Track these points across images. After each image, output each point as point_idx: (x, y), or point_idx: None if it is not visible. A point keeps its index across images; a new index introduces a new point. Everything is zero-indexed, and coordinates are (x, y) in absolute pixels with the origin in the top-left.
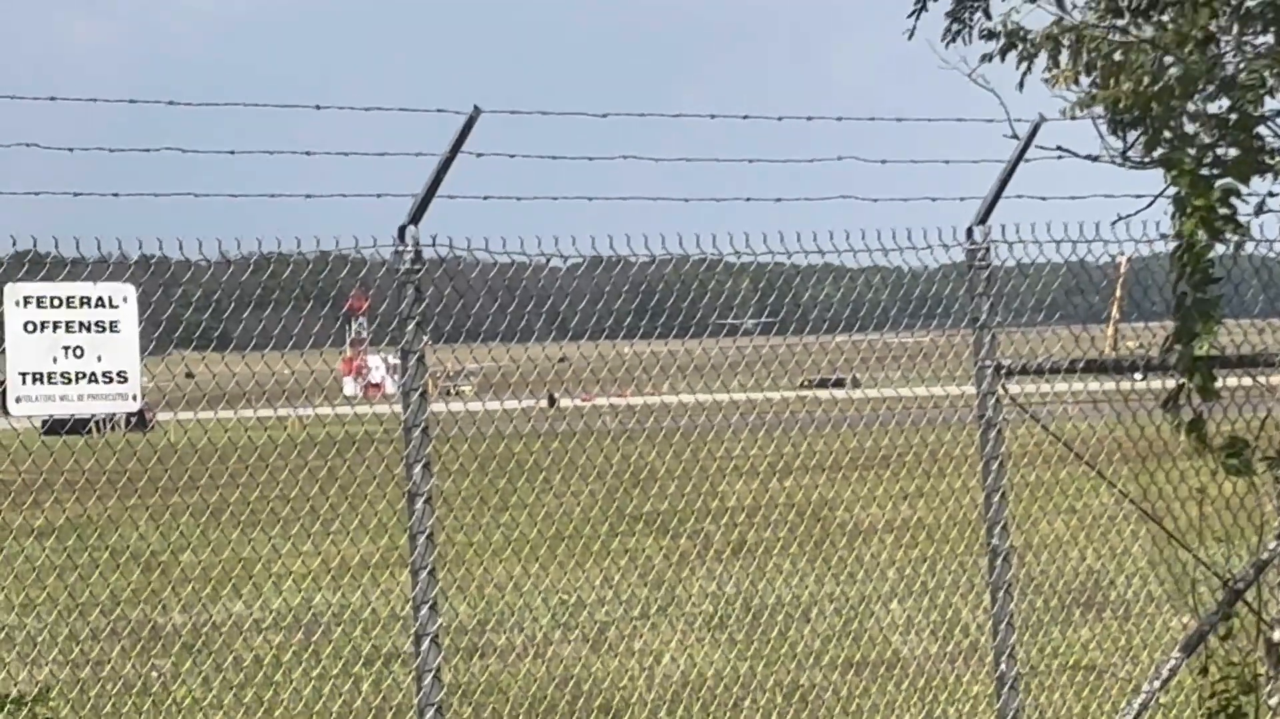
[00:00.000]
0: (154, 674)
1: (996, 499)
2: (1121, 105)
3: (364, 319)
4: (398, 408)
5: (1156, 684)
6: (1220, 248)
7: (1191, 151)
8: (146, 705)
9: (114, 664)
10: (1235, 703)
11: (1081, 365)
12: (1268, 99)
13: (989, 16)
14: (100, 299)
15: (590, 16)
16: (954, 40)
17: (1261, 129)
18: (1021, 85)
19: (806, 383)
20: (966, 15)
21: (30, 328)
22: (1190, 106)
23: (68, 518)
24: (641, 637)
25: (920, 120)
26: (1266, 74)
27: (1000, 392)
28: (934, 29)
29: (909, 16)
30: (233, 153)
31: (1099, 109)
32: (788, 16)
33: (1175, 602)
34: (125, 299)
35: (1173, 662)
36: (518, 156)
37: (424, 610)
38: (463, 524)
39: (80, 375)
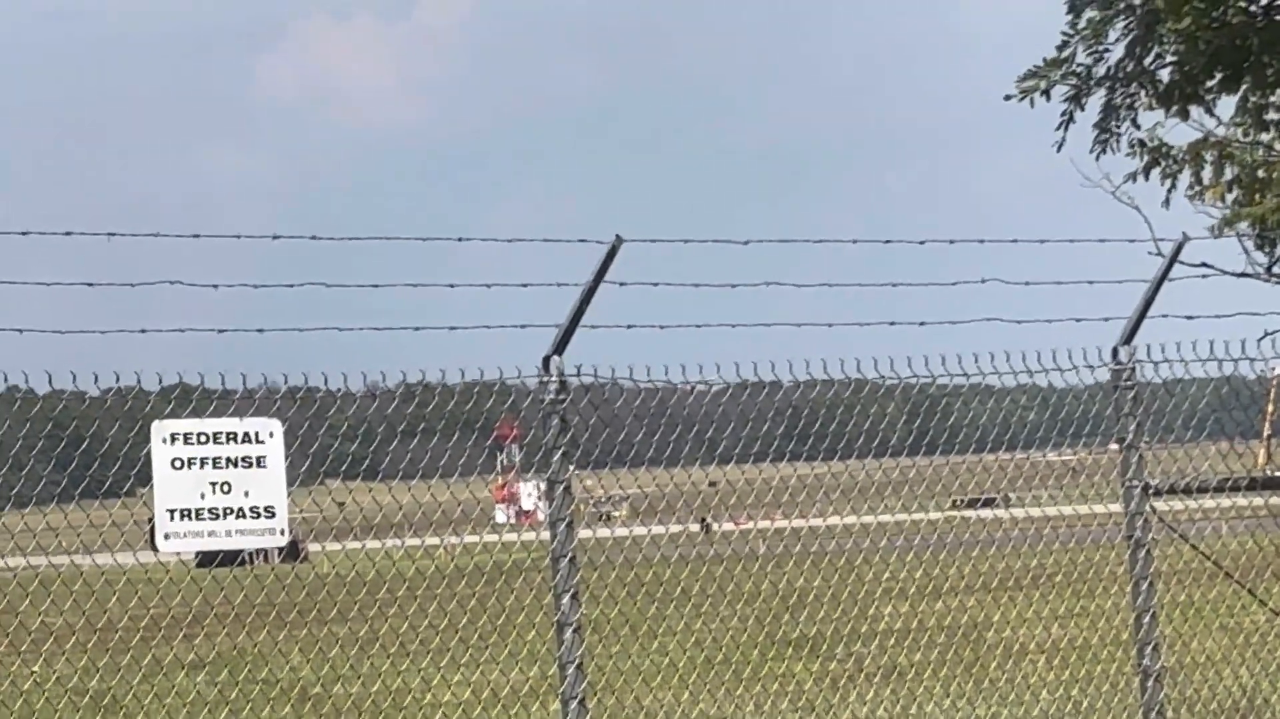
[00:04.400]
0: None
1: (1147, 619)
2: (1267, 221)
3: (514, 446)
4: (546, 535)
5: None
6: None
7: None
8: None
9: None
10: None
11: (1229, 484)
12: None
13: (1137, 126)
14: (247, 434)
15: (731, 139)
16: (1103, 151)
17: None
18: (1167, 202)
19: (957, 503)
20: (1114, 125)
21: (178, 464)
22: None
23: (219, 652)
24: None
25: (1063, 241)
26: None
27: (1149, 511)
28: (1078, 143)
29: (1057, 129)
30: (376, 286)
31: (1244, 225)
32: (930, 136)
33: None
34: (271, 434)
35: None
36: (661, 285)
37: None
38: (612, 652)
39: (228, 511)
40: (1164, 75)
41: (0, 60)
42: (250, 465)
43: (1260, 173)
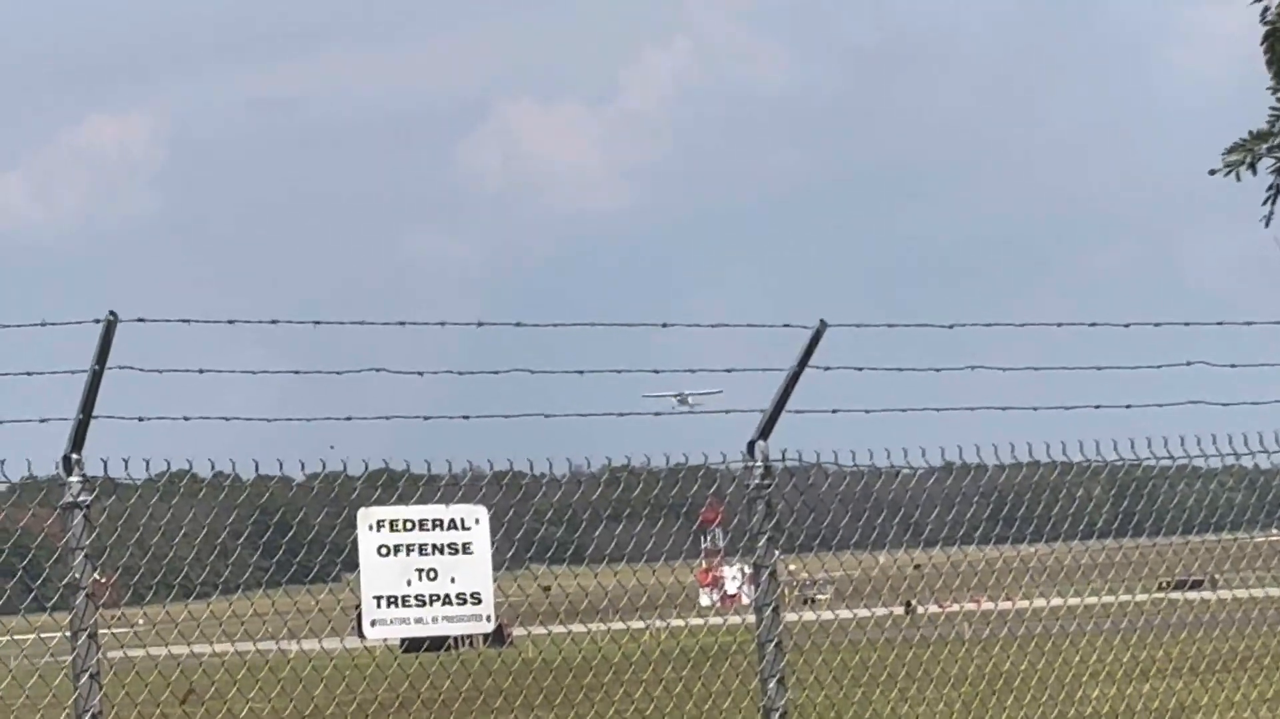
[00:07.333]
0: None
1: None
2: None
3: (718, 530)
4: (751, 618)
5: None
6: None
7: None
8: None
9: None
10: None
11: None
12: None
13: None
14: (453, 521)
15: (935, 222)
16: None
17: None
18: None
19: (1164, 585)
20: None
21: (384, 551)
22: None
23: None
24: None
25: (1270, 323)
26: None
27: None
28: None
29: (1264, 203)
30: (581, 373)
31: None
32: (1135, 215)
33: None
34: (477, 520)
35: None
36: (865, 369)
37: None
38: None
39: (434, 598)
40: None
41: (209, 146)
42: (456, 552)
43: None
